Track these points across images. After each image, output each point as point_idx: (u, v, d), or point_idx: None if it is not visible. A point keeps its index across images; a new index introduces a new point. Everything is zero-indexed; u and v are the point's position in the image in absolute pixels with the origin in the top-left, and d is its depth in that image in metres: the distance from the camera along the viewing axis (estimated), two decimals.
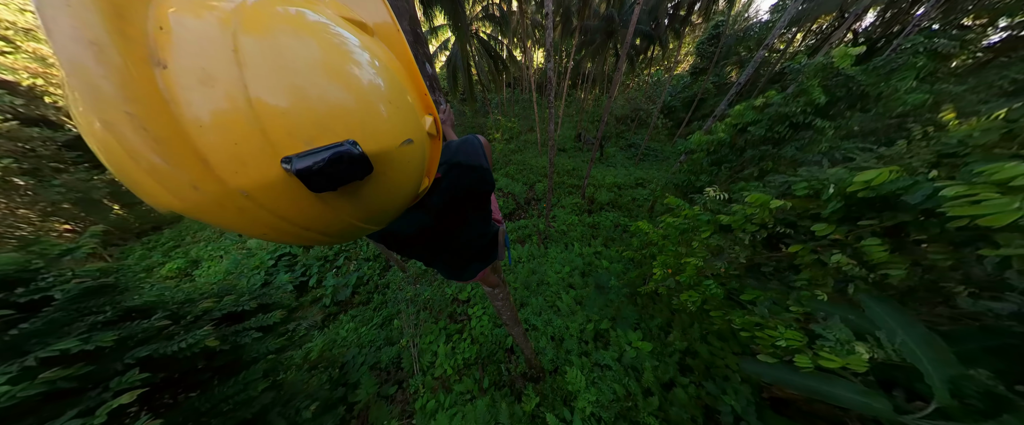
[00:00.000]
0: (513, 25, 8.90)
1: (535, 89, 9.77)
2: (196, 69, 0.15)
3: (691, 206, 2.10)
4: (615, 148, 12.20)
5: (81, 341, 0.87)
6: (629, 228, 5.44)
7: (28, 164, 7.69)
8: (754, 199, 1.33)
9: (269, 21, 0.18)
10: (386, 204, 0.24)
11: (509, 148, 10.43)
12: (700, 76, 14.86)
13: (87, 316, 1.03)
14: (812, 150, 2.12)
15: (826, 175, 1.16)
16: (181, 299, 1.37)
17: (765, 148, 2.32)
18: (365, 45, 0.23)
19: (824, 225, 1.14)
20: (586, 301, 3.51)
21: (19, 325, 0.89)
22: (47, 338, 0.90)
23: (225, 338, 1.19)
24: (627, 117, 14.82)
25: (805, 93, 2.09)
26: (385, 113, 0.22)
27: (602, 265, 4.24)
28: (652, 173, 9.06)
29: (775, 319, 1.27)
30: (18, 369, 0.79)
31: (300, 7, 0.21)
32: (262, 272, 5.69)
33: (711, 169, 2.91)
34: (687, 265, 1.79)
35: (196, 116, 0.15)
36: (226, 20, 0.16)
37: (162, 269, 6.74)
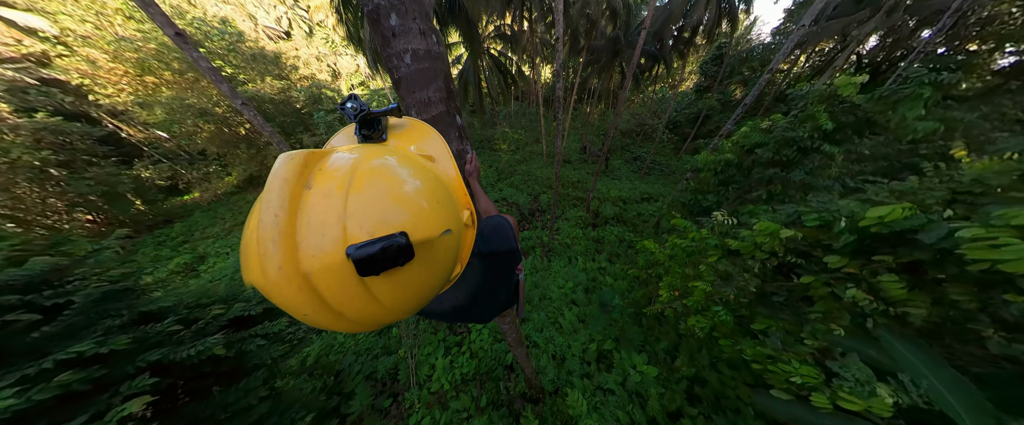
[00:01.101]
0: (523, 43, 9.34)
1: (542, 103, 10.07)
2: (317, 222, 0.22)
3: (698, 228, 2.08)
4: (620, 161, 12.28)
5: (96, 344, 0.90)
6: (634, 244, 5.36)
7: (64, 156, 8.21)
8: (763, 227, 1.32)
9: (368, 177, 0.26)
10: (420, 288, 0.27)
11: (515, 159, 10.60)
12: (704, 93, 15.12)
13: (104, 319, 1.06)
14: (822, 175, 2.10)
15: (837, 207, 1.15)
16: (193, 303, 1.40)
17: (773, 171, 2.31)
18: (426, 169, 0.32)
19: (837, 258, 1.12)
20: (589, 319, 3.42)
21: (42, 327, 0.93)
22: (66, 341, 0.93)
23: (231, 345, 1.21)
24: (632, 131, 15.03)
25: (811, 119, 2.11)
26: (430, 208, 0.28)
27: (606, 281, 4.15)
28: (657, 187, 9.03)
29: (789, 352, 1.22)
30: (35, 371, 0.82)
31: (388, 156, 0.30)
32: None
33: (718, 189, 2.90)
34: (694, 289, 1.76)
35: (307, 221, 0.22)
36: (342, 186, 0.24)
37: (169, 264, 6.90)
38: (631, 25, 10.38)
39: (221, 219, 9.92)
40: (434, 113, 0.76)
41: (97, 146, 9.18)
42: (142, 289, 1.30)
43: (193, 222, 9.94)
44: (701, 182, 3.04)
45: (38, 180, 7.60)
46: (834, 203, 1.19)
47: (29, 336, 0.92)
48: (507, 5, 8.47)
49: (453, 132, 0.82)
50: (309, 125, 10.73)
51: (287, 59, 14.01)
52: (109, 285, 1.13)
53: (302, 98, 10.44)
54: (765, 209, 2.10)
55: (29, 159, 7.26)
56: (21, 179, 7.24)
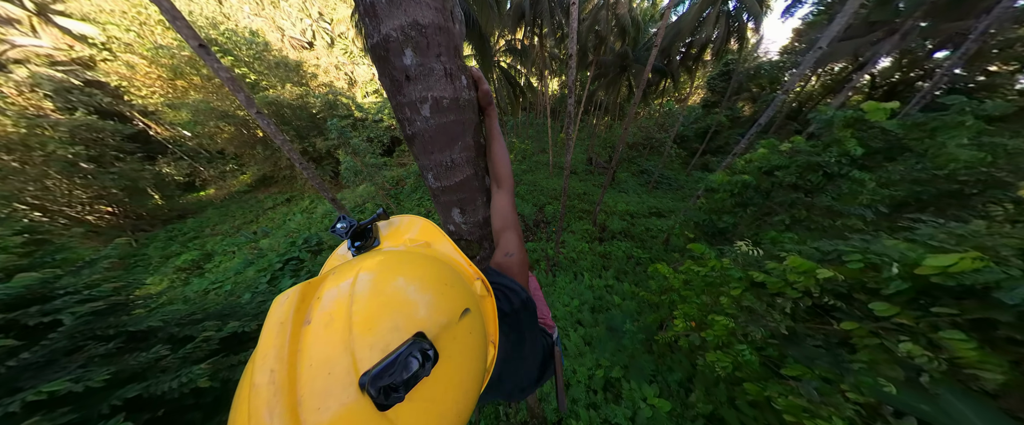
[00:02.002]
0: (532, 56, 9.61)
1: (549, 114, 10.21)
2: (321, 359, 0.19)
3: (716, 253, 1.96)
4: (627, 173, 12.18)
5: (72, 381, 0.81)
6: (643, 261, 5.18)
7: (95, 151, 8.90)
8: (796, 264, 1.21)
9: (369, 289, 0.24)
10: (460, 392, 0.23)
11: (521, 168, 10.65)
12: (712, 109, 15.11)
13: (89, 342, 1.00)
14: (851, 201, 1.97)
15: (885, 248, 1.04)
16: (185, 320, 1.34)
17: (796, 195, 2.19)
18: (425, 257, 0.30)
19: (886, 306, 0.99)
20: (596, 342, 3.23)
21: (20, 354, 0.85)
22: (43, 371, 0.86)
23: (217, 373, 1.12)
24: (639, 143, 15.02)
25: (838, 143, 2.01)
26: (441, 295, 0.26)
27: (614, 301, 3.97)
28: (666, 202, 8.85)
29: (829, 408, 1.08)
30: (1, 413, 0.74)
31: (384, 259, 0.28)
32: (268, 274, 5.77)
33: (736, 211, 2.77)
34: (715, 322, 1.62)
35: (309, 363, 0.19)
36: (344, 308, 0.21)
37: (177, 259, 7.05)
38: (639, 41, 10.59)
39: (231, 217, 10.22)
40: (458, 178, 0.61)
41: (126, 143, 9.99)
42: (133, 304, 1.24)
43: (205, 219, 10.29)
44: (716, 202, 2.92)
45: (68, 172, 8.08)
46: (880, 243, 1.07)
47: (4, 365, 0.83)
48: (519, 21, 8.77)
49: (480, 198, 0.66)
50: (323, 130, 11.16)
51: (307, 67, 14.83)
52: (101, 303, 1.07)
53: (318, 104, 10.89)
54: (791, 237, 1.97)
55: (63, 153, 7.80)
56: (53, 171, 7.72)
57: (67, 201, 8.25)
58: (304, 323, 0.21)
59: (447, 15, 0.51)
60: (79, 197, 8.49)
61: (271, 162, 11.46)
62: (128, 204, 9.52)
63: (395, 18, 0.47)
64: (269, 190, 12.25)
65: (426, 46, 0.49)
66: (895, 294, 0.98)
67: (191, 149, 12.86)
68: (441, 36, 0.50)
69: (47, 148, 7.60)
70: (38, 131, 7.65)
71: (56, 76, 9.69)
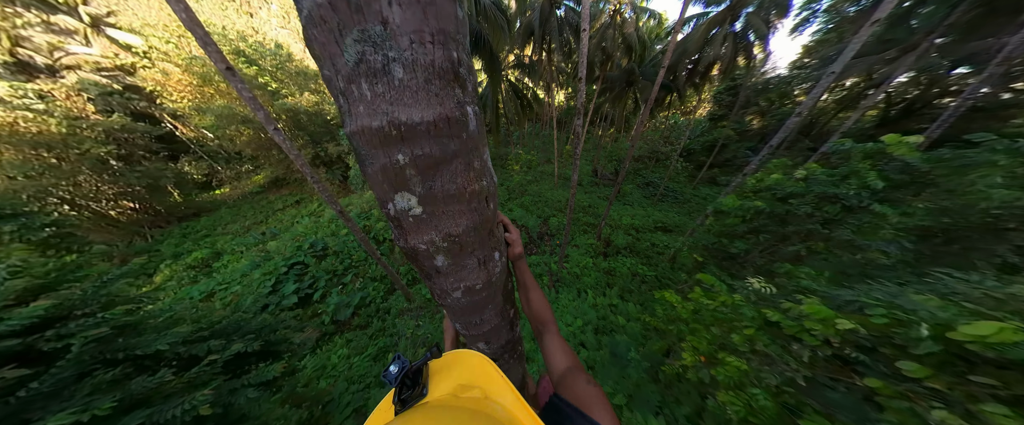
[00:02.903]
0: (540, 71, 9.85)
1: (556, 126, 10.33)
2: None
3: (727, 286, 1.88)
4: (632, 185, 12.08)
5: (79, 411, 0.80)
6: (647, 278, 5.03)
7: (125, 150, 9.60)
8: (815, 311, 1.14)
9: None
10: None
11: (526, 179, 10.70)
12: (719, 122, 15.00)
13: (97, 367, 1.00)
14: (872, 236, 1.88)
15: (913, 303, 0.97)
16: (191, 338, 1.35)
17: (813, 226, 2.11)
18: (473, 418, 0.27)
19: (917, 366, 0.92)
20: (599, 367, 3.11)
21: (29, 384, 0.85)
22: (50, 402, 0.85)
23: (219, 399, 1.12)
24: (644, 156, 14.95)
25: (857, 175, 1.95)
26: None
27: (618, 322, 3.84)
28: (672, 216, 8.68)
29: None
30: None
31: None
32: (273, 278, 5.83)
33: (747, 236, 2.68)
34: (726, 362, 1.53)
35: None
36: None
37: (189, 257, 7.25)
38: (645, 58, 10.74)
39: (243, 216, 10.54)
40: (487, 328, 0.58)
41: (153, 143, 10.75)
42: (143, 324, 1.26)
43: (218, 217, 10.65)
44: (727, 226, 2.84)
45: (98, 170, 8.68)
46: (908, 297, 1.01)
47: (15, 396, 0.82)
48: (528, 38, 9.06)
49: (505, 327, 0.62)
50: (336, 135, 11.60)
51: None
52: (108, 330, 1.07)
53: (333, 111, 11.33)
54: (807, 270, 1.88)
55: (97, 151, 8.41)
56: (85, 168, 8.31)
57: (94, 196, 8.77)
58: None
59: (483, 207, 0.43)
60: (105, 193, 9.00)
61: (284, 165, 11.92)
62: (149, 200, 10.01)
63: (423, 234, 0.41)
64: (280, 191, 12.63)
65: (459, 250, 0.44)
66: (926, 355, 0.91)
67: (212, 150, 13.53)
68: (476, 234, 0.44)
69: (83, 147, 8.19)
70: (78, 131, 8.26)
71: (100, 81, 10.67)
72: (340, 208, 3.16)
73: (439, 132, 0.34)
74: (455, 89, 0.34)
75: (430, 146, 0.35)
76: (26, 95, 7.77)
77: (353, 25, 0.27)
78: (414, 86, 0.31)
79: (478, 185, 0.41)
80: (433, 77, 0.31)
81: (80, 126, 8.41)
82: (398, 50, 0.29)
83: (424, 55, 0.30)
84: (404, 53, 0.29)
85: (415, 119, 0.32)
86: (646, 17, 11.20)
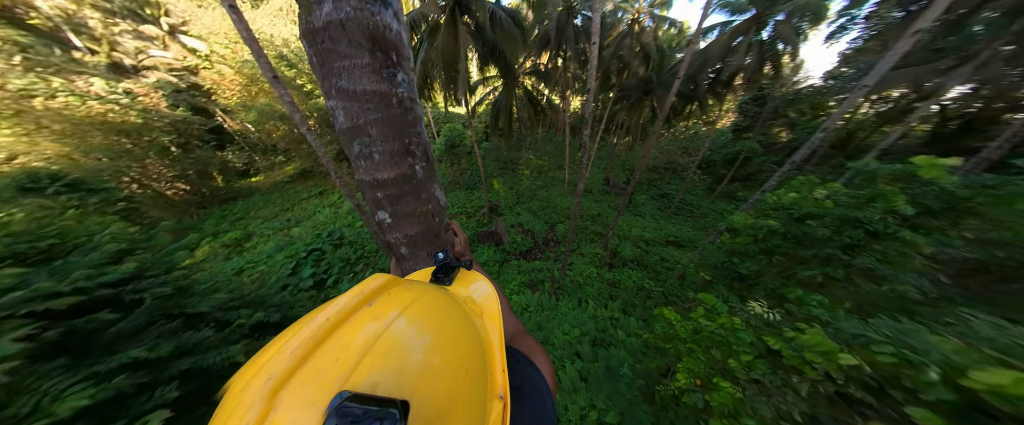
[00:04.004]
0: (555, 78, 9.92)
1: (569, 132, 10.31)
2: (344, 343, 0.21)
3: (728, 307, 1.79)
4: (645, 196, 11.71)
5: (147, 350, 1.02)
6: (653, 294, 4.83)
7: (182, 139, 11.22)
8: (816, 342, 1.07)
9: (416, 317, 0.25)
10: None
11: (536, 184, 10.71)
12: (743, 134, 14.19)
13: (160, 320, 1.22)
14: (901, 266, 1.71)
15: (927, 345, 0.89)
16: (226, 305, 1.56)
17: (832, 251, 1.95)
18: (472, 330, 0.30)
19: (927, 413, 0.84)
20: (592, 379, 3.03)
21: (118, 324, 1.09)
22: (129, 340, 1.09)
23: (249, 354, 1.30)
24: (660, 166, 14.46)
25: (883, 199, 1.79)
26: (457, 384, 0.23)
27: (618, 335, 3.72)
28: (686, 231, 8.29)
29: None
30: (105, 369, 0.95)
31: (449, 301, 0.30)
32: (293, 261, 6.30)
33: (759, 257, 2.53)
34: (722, 388, 1.46)
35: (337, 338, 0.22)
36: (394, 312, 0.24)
37: (225, 236, 8.04)
38: (664, 67, 10.51)
39: (272, 203, 11.48)
40: None
41: (206, 134, 12.36)
42: (194, 287, 1.50)
43: (251, 202, 11.71)
44: (738, 246, 2.69)
45: (161, 155, 10.23)
46: (921, 337, 0.92)
47: (106, 332, 1.07)
48: (544, 47, 9.20)
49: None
50: None
51: None
52: (170, 290, 1.31)
53: None
54: (818, 298, 1.74)
55: (162, 139, 10.07)
56: (152, 153, 9.86)
57: (156, 178, 10.23)
58: (368, 304, 0.25)
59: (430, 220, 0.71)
60: (165, 175, 10.47)
61: (312, 158, 12.90)
62: (198, 184, 11.43)
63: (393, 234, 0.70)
64: (306, 182, 13.59)
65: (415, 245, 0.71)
66: (939, 402, 0.83)
67: (252, 142, 14.98)
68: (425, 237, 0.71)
69: (152, 135, 9.73)
70: (150, 122, 9.78)
71: (172, 80, 12.57)
72: (357, 202, 3.37)
73: (398, 181, 0.63)
74: (407, 158, 0.62)
75: (394, 189, 0.64)
76: (115, 91, 9.41)
77: (355, 137, 0.58)
78: (384, 161, 0.60)
79: (425, 208, 0.69)
80: (393, 155, 0.61)
81: (152, 118, 9.96)
82: (376, 146, 0.59)
83: (387, 145, 0.59)
84: (378, 146, 0.59)
85: (385, 177, 0.62)
86: (666, 26, 10.96)
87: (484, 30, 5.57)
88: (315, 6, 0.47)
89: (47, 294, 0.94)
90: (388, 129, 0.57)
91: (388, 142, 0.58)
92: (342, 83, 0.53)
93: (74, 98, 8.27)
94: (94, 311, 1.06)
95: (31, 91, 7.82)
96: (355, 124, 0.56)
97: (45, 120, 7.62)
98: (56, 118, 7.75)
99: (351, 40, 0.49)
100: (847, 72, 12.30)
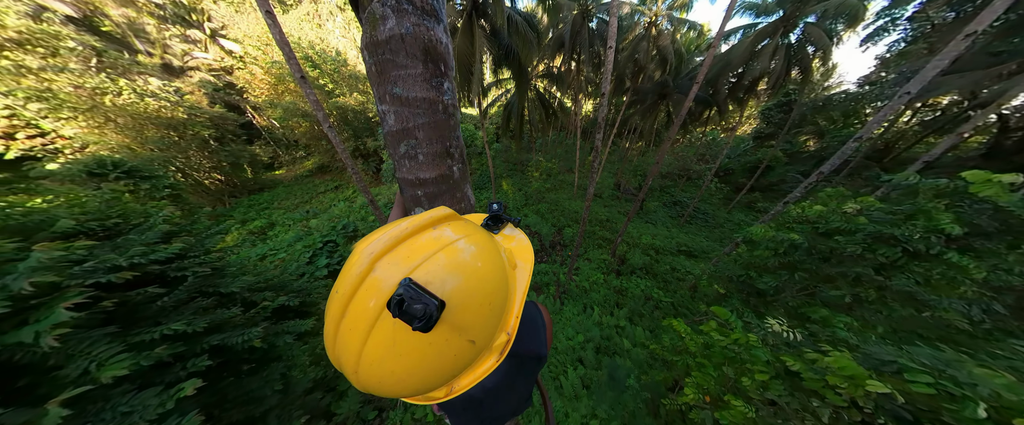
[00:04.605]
0: (568, 81, 9.86)
1: (580, 135, 10.20)
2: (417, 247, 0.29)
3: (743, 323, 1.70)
4: (657, 203, 11.35)
5: (185, 324, 1.13)
6: (662, 304, 4.66)
7: (218, 133, 12.35)
8: (841, 365, 1.00)
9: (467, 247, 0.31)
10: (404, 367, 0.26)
11: (545, 187, 10.66)
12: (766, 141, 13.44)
13: (197, 298, 1.35)
14: (948, 292, 1.55)
15: (973, 378, 0.81)
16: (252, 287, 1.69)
17: (863, 271, 1.80)
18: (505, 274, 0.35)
19: None
20: (595, 388, 2.95)
21: (162, 298, 1.21)
22: (171, 314, 1.20)
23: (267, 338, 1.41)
24: (673, 173, 13.98)
25: (925, 216, 1.63)
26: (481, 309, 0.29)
27: (623, 344, 3.62)
28: (699, 241, 7.95)
29: None
30: (149, 338, 1.06)
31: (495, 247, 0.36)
32: (310, 251, 6.66)
33: (780, 273, 2.38)
34: (733, 407, 1.38)
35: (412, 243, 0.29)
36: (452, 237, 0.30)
37: (251, 224, 8.65)
38: (681, 71, 10.19)
39: (293, 195, 12.20)
40: None
41: (238, 129, 13.52)
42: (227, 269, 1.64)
43: (275, 193, 12.56)
44: (756, 259, 2.55)
45: (201, 147, 11.44)
46: (966, 369, 0.83)
47: (152, 305, 1.19)
48: (558, 50, 9.18)
49: None
50: (375, 133, 13.02)
51: None
52: (209, 270, 1.44)
53: (375, 111, 12.63)
54: (845, 320, 1.62)
55: (203, 133, 11.35)
56: (194, 145, 11.10)
57: (197, 168, 11.45)
58: (433, 228, 0.31)
59: None
60: (203, 166, 11.69)
61: (330, 154, 13.65)
62: (230, 175, 12.61)
63: None
64: (324, 176, 14.30)
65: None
66: None
67: (277, 137, 16.08)
68: None
69: (195, 129, 10.99)
70: (193, 117, 11.07)
71: (212, 80, 13.95)
72: (371, 197, 3.51)
73: (437, 181, 0.69)
74: (446, 160, 0.69)
75: (433, 188, 0.69)
76: (168, 89, 10.81)
77: (403, 139, 0.65)
78: (427, 162, 0.66)
79: (459, 206, 0.75)
80: (436, 157, 0.66)
81: (195, 113, 11.23)
82: (421, 147, 0.65)
83: (431, 147, 0.65)
84: (423, 148, 0.65)
85: (426, 176, 0.68)
86: (685, 29, 10.61)
87: (500, 34, 5.65)
88: (380, 22, 0.53)
89: (110, 267, 1.05)
90: (433, 133, 0.63)
91: (432, 144, 0.64)
92: (397, 90, 0.59)
93: (134, 95, 9.39)
94: (145, 285, 1.18)
95: (102, 89, 8.95)
96: (404, 127, 0.61)
97: (111, 114, 8.73)
98: (120, 113, 8.89)
99: (408, 52, 0.55)
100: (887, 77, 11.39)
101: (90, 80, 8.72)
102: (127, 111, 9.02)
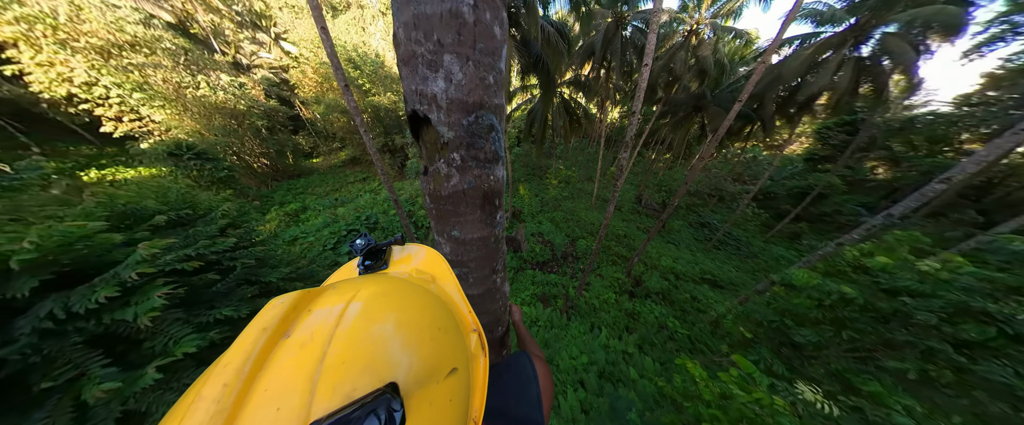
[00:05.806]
0: (596, 89, 9.60)
1: (602, 144, 9.87)
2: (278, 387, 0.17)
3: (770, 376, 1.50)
4: (682, 222, 10.56)
5: (233, 310, 1.29)
6: (677, 335, 4.31)
7: (269, 124, 14.38)
8: None
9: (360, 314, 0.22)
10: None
11: (562, 194, 10.48)
12: (821, 164, 11.80)
13: (243, 285, 1.54)
14: None
15: None
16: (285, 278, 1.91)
17: (939, 346, 1.49)
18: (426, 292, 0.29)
19: None
20: (594, 415, 2.82)
21: (216, 285, 1.39)
22: (223, 299, 1.38)
23: None
24: (703, 191, 12.91)
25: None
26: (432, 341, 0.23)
27: (629, 373, 3.41)
28: (727, 270, 7.23)
29: None
30: (208, 321, 1.24)
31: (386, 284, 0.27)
32: (335, 238, 7.29)
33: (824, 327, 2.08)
34: None
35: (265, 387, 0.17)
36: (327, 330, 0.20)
37: (288, 207, 9.71)
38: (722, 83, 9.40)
39: (325, 183, 13.50)
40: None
41: (287, 120, 15.98)
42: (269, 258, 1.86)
43: (311, 180, 13.99)
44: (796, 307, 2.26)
45: (255, 135, 13.33)
46: None
47: (209, 291, 1.36)
48: (588, 58, 8.99)
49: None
50: (403, 131, 14.02)
51: None
52: (253, 262, 1.65)
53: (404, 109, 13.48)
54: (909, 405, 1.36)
55: (257, 123, 13.26)
56: (249, 133, 12.96)
57: (249, 153, 13.25)
58: (284, 335, 0.20)
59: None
60: (255, 152, 13.49)
61: (361, 148, 14.88)
62: (275, 161, 14.42)
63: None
64: (354, 168, 15.57)
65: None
66: None
67: (317, 129, 17.92)
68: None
69: (252, 119, 12.84)
70: (252, 109, 12.90)
71: (270, 76, 16.19)
72: (394, 193, 3.75)
73: (483, 296, 0.71)
74: (492, 277, 0.71)
75: (477, 303, 0.70)
76: (235, 84, 12.57)
77: (456, 267, 0.66)
78: (475, 282, 0.68)
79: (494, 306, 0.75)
80: (483, 278, 0.69)
81: (253, 105, 13.15)
82: (472, 273, 0.68)
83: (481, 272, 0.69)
84: (474, 273, 0.68)
85: (472, 293, 0.70)
86: (730, 36, 9.77)
87: (531, 44, 5.69)
88: (445, 180, 0.53)
89: (183, 257, 1.25)
90: (483, 261, 0.66)
91: (482, 270, 0.67)
92: (455, 232, 0.61)
93: (208, 89, 11.07)
94: (205, 273, 1.37)
95: (185, 83, 10.71)
96: (458, 260, 0.65)
97: (189, 104, 10.46)
98: (196, 103, 10.62)
99: (469, 202, 0.56)
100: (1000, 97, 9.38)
101: (177, 75, 10.53)
102: (202, 102, 10.74)
